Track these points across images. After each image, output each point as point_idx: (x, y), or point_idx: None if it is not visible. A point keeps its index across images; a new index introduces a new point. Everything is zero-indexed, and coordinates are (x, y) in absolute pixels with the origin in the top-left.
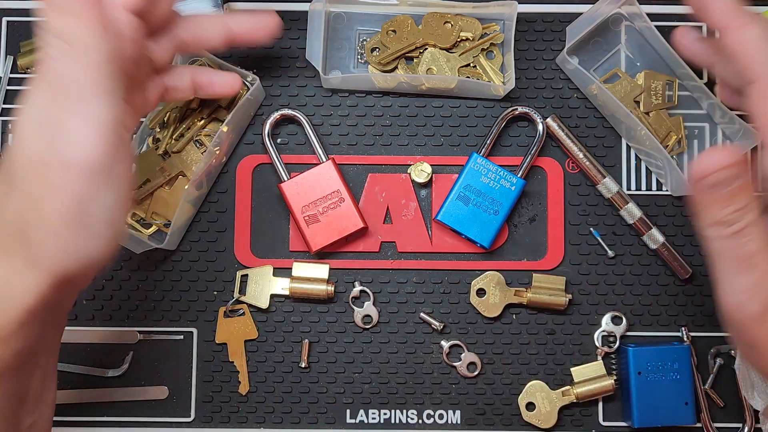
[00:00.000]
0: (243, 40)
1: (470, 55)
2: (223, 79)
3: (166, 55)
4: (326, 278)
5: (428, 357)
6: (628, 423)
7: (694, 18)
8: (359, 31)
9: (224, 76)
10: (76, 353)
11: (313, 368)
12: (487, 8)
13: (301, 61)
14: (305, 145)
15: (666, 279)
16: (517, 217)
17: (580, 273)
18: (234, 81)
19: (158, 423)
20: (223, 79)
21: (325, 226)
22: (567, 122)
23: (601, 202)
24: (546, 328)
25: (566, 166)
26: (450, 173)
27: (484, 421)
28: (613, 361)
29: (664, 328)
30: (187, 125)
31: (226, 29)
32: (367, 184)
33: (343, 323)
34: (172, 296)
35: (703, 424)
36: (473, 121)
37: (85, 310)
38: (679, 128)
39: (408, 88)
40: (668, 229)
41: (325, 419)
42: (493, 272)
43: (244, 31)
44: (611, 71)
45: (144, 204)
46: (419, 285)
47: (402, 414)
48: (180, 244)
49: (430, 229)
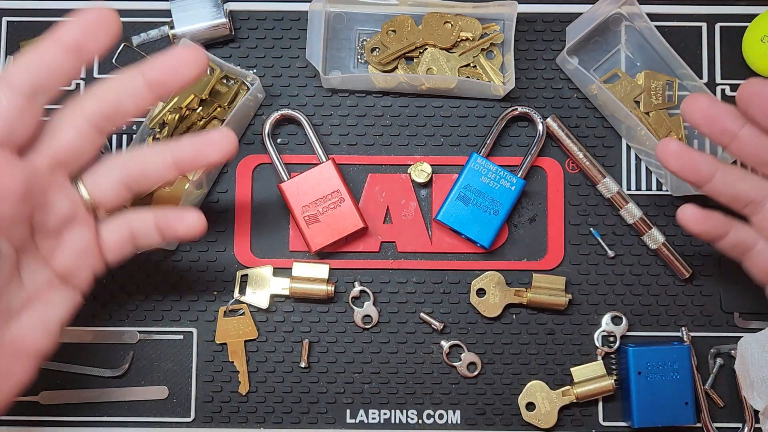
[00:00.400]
0: (196, 165)
1: (470, 55)
2: (184, 221)
3: (113, 199)
4: (326, 278)
5: (428, 357)
6: (628, 423)
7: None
8: (359, 31)
9: (186, 216)
10: (76, 353)
11: (313, 368)
12: (487, 8)
13: (301, 61)
14: (305, 145)
15: (666, 279)
16: (517, 217)
17: (580, 273)
18: (196, 220)
19: (158, 423)
20: (184, 221)
21: (325, 226)
22: (567, 122)
23: (601, 202)
24: (546, 328)
25: (566, 166)
26: (450, 173)
27: (484, 421)
28: (613, 361)
29: (664, 328)
30: (187, 125)
31: (173, 158)
32: (367, 184)
33: (343, 323)
34: (172, 296)
35: (703, 424)
36: (473, 121)
37: (85, 310)
38: (679, 128)
39: (408, 88)
40: (668, 229)
41: (325, 419)
42: (493, 272)
43: (191, 156)
44: (611, 71)
45: (144, 204)
46: (419, 285)
47: (402, 414)
48: (180, 244)
49: (430, 229)
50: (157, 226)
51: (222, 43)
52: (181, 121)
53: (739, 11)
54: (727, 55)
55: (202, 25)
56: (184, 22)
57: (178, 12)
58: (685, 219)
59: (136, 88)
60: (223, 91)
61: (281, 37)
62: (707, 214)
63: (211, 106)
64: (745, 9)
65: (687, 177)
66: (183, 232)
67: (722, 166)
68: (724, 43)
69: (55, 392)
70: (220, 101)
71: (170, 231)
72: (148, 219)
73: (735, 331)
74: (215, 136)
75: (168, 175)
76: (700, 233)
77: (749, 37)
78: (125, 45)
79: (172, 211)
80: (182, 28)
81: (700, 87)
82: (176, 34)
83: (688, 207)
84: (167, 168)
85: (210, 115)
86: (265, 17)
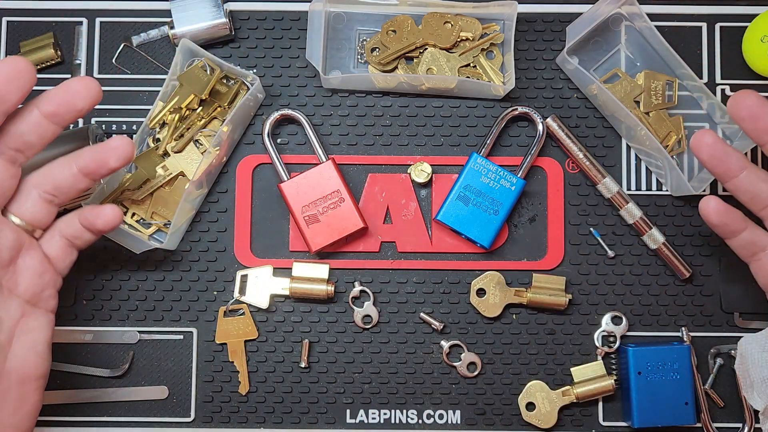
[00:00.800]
0: (100, 171)
1: (470, 55)
2: (99, 215)
3: (42, 217)
4: (326, 278)
5: (428, 357)
6: (628, 423)
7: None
8: (359, 31)
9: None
10: (76, 353)
11: (313, 368)
12: (487, 8)
13: (301, 61)
14: (305, 145)
15: (666, 279)
16: (517, 217)
17: (580, 273)
18: (111, 213)
19: (158, 423)
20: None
21: (325, 226)
22: (567, 122)
23: (601, 202)
24: (546, 328)
25: (566, 166)
26: (450, 173)
27: (484, 421)
28: (613, 361)
29: (664, 328)
30: (187, 125)
31: (78, 168)
32: (367, 184)
33: (343, 323)
34: (172, 296)
35: (703, 424)
36: (473, 121)
37: (85, 310)
38: (679, 128)
39: (408, 88)
40: (668, 229)
41: (325, 419)
42: (493, 272)
43: (94, 164)
44: (611, 71)
45: (144, 204)
46: (419, 285)
47: (402, 414)
48: (180, 244)
49: (430, 229)
50: (83, 226)
51: (222, 43)
52: (181, 121)
53: (739, 11)
54: (727, 55)
55: (202, 25)
56: (184, 22)
57: (178, 12)
58: (707, 209)
59: (34, 120)
60: (223, 91)
61: (281, 37)
62: (729, 208)
63: (211, 106)
64: (745, 9)
65: (716, 169)
66: (102, 226)
67: (750, 165)
68: (724, 43)
69: (55, 392)
70: (220, 101)
71: (94, 227)
72: (74, 221)
73: (735, 331)
74: (113, 143)
75: (80, 184)
76: (719, 225)
77: (749, 37)
78: (125, 45)
79: (91, 208)
80: (182, 28)
81: (700, 87)
82: (176, 34)
83: (711, 198)
84: (75, 178)
85: (210, 115)
86: (265, 17)
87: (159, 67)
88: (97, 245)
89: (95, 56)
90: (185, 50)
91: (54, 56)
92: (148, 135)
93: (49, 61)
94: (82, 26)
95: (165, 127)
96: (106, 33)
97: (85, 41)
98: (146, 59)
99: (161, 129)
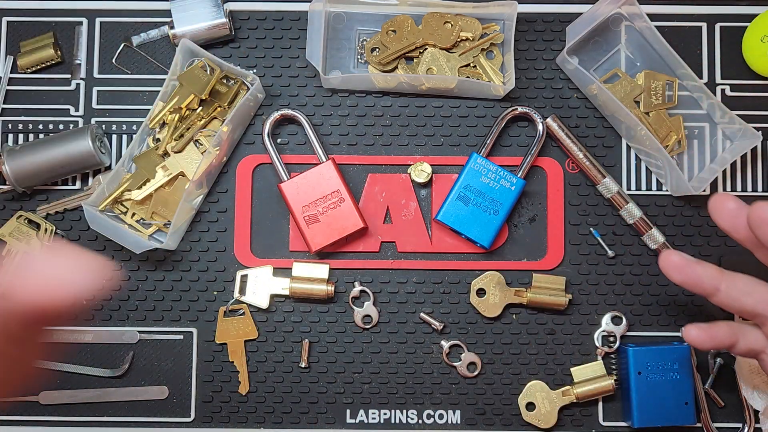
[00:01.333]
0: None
1: (470, 55)
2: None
3: None
4: (326, 278)
5: (428, 357)
6: (628, 423)
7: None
8: (359, 31)
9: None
10: (76, 353)
11: (313, 368)
12: (487, 8)
13: (301, 61)
14: (305, 145)
15: (666, 279)
16: (517, 217)
17: (580, 273)
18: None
19: (158, 423)
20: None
21: (325, 226)
22: (567, 122)
23: (601, 202)
24: (546, 328)
25: (566, 166)
26: (450, 173)
27: (484, 421)
28: (613, 361)
29: (664, 328)
30: (187, 125)
31: None
32: (367, 184)
33: (343, 323)
34: (172, 296)
35: (703, 424)
36: (473, 121)
37: (85, 311)
38: (679, 128)
39: (408, 88)
40: (668, 229)
41: (325, 419)
42: (493, 272)
43: None
44: (611, 71)
45: (144, 204)
46: (419, 285)
47: (402, 414)
48: (180, 244)
49: (430, 229)
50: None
51: (222, 43)
52: (181, 121)
53: (739, 11)
54: (727, 55)
55: (202, 25)
56: (184, 22)
57: (178, 12)
58: (690, 340)
59: None
60: (223, 91)
61: (281, 37)
62: (711, 332)
63: (211, 106)
64: (745, 9)
65: (691, 290)
66: None
67: (726, 278)
68: (724, 43)
69: (55, 392)
70: (220, 101)
71: None
72: None
73: None
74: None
75: None
76: (710, 349)
77: (749, 37)
78: (125, 45)
79: None
80: (182, 28)
81: (700, 87)
82: (176, 34)
83: (692, 328)
84: None
85: (210, 115)
86: (265, 17)
87: (159, 67)
88: (97, 245)
89: (95, 56)
90: (185, 50)
91: (54, 56)
92: (148, 135)
93: (49, 61)
94: (82, 26)
95: (165, 127)
96: (106, 33)
97: (85, 41)
98: (146, 59)
99: (161, 129)
